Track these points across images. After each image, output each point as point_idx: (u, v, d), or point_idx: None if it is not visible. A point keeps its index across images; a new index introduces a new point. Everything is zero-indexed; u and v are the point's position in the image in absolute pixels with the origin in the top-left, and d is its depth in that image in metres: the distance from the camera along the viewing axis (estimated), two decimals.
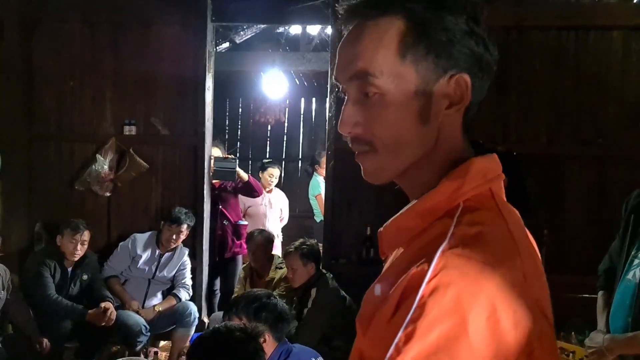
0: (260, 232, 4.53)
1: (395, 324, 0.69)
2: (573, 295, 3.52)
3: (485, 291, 0.68)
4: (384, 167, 0.84)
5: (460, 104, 0.82)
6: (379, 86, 0.80)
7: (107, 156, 4.58)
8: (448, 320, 0.66)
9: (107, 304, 4.05)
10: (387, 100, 0.80)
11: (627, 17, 4.25)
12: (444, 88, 0.80)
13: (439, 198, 0.80)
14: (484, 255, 0.71)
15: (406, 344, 0.66)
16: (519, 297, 0.70)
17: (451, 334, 0.65)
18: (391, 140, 0.81)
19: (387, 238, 0.86)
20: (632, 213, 2.21)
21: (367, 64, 0.80)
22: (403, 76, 0.79)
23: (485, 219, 0.77)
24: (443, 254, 0.71)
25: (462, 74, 0.80)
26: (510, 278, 0.71)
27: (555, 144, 4.33)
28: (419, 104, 0.80)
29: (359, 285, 1.04)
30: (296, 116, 8.89)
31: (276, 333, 2.56)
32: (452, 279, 0.68)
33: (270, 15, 4.81)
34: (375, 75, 0.80)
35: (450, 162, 0.83)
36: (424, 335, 0.65)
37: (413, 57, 0.79)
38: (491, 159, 0.84)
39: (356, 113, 0.82)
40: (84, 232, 4.14)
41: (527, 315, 0.70)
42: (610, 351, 2.14)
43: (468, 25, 0.80)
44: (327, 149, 4.57)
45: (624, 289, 2.14)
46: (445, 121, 0.82)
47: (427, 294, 0.67)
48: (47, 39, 4.63)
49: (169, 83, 4.61)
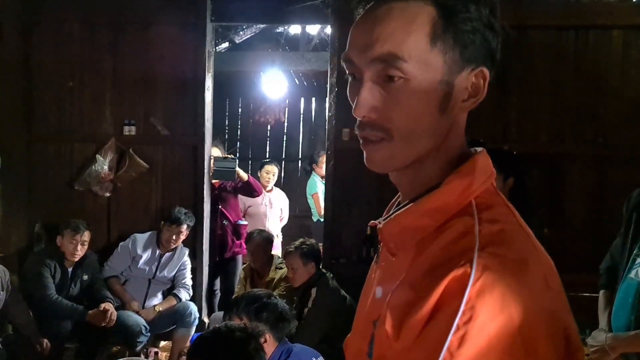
0: (260, 232, 4.52)
1: (437, 328, 0.69)
2: (573, 294, 3.52)
3: (525, 289, 0.70)
4: (396, 156, 0.81)
5: (476, 97, 0.81)
6: (406, 71, 0.77)
7: (107, 156, 4.58)
8: (497, 320, 0.67)
9: (108, 304, 4.04)
10: (411, 86, 0.77)
11: (627, 16, 4.25)
12: (465, 80, 0.80)
13: (449, 196, 0.79)
14: (514, 253, 0.73)
15: (460, 348, 0.66)
16: (550, 289, 0.73)
17: (502, 333, 0.66)
18: (408, 129, 0.79)
19: (390, 236, 0.84)
20: (634, 212, 2.21)
21: (396, 47, 0.77)
22: (431, 64, 0.77)
23: (501, 215, 0.78)
24: (480, 254, 0.71)
25: (482, 67, 0.80)
26: (539, 272, 0.74)
27: (556, 143, 4.33)
28: (442, 95, 0.79)
29: (359, 284, 1.03)
30: (296, 116, 8.88)
31: (277, 333, 2.55)
32: (495, 279, 0.69)
33: (269, 15, 4.81)
34: (404, 59, 0.77)
35: (454, 159, 0.82)
36: (476, 337, 0.66)
37: (442, 46, 0.78)
38: (486, 154, 0.84)
39: (374, 97, 0.79)
40: (84, 232, 4.13)
41: (561, 305, 0.74)
42: (613, 350, 2.13)
43: (489, 18, 0.79)
44: (327, 149, 4.57)
45: (626, 288, 2.14)
46: (458, 115, 0.82)
47: (474, 296, 0.68)
48: (46, 39, 4.62)
49: (169, 83, 4.60)
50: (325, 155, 4.69)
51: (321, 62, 6.52)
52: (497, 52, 0.81)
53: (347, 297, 3.77)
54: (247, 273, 4.44)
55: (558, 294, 0.75)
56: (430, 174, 0.82)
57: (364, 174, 4.28)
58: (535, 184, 4.14)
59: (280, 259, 4.52)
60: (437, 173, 0.82)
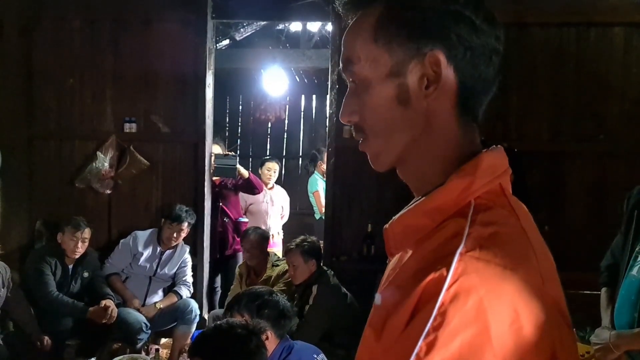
0: (255, 229, 4.50)
1: (412, 331, 0.66)
2: (574, 291, 3.52)
3: (506, 297, 0.66)
4: (377, 152, 0.84)
5: (438, 83, 0.78)
6: (358, 72, 0.81)
7: (108, 154, 4.58)
8: (471, 329, 0.63)
9: (108, 301, 4.05)
10: (366, 85, 0.81)
11: (627, 13, 4.24)
12: (420, 68, 0.78)
13: (448, 196, 0.77)
14: (502, 258, 0.69)
15: (428, 354, 0.63)
16: (539, 300, 0.68)
17: (474, 343, 0.63)
18: (376, 125, 0.82)
19: (393, 237, 0.83)
20: (634, 209, 2.20)
21: (350, 51, 0.82)
22: (377, 59, 0.80)
23: (498, 218, 0.75)
24: (461, 257, 0.68)
25: (434, 50, 0.77)
26: (530, 281, 0.69)
27: (557, 141, 4.33)
28: (395, 86, 0.79)
29: (360, 282, 1.04)
30: (296, 113, 8.88)
31: (278, 330, 2.56)
32: (473, 284, 0.66)
33: (270, 12, 4.81)
34: (354, 62, 0.82)
35: (458, 157, 0.80)
36: (446, 344, 0.63)
37: (385, 39, 0.79)
38: (498, 153, 0.82)
39: (352, 102, 0.84)
40: (85, 229, 4.14)
41: (549, 319, 0.68)
42: (617, 347, 2.13)
43: (448, 3, 0.78)
44: (327, 146, 4.56)
45: (628, 285, 2.13)
46: (433, 105, 0.79)
47: (448, 301, 0.65)
48: (47, 37, 4.62)
49: (169, 80, 4.60)
50: (326, 152, 4.69)
51: (322, 59, 6.51)
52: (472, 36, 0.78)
53: (347, 295, 3.77)
54: (244, 271, 4.42)
55: (549, 307, 0.69)
56: (429, 172, 0.82)
57: (365, 172, 4.28)
58: (536, 182, 4.15)
59: (277, 256, 4.51)
60: (436, 171, 0.81)
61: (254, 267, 4.37)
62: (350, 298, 3.74)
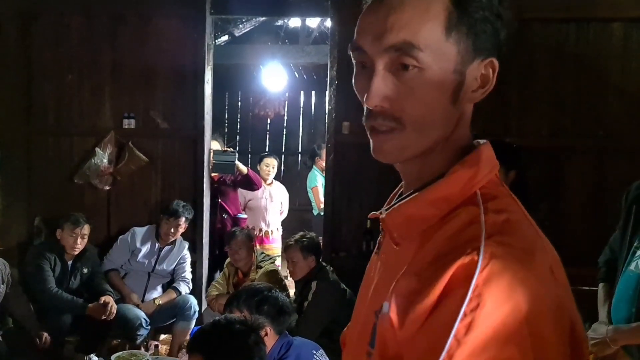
0: (241, 230, 4.45)
1: (443, 315, 0.69)
2: (573, 287, 3.53)
3: (532, 277, 0.70)
4: (408, 146, 0.80)
5: (485, 88, 0.81)
6: (421, 60, 0.77)
7: (107, 150, 4.57)
8: (505, 308, 0.67)
9: (107, 297, 4.05)
10: (426, 76, 0.77)
11: (627, 8, 4.23)
12: (475, 71, 0.80)
13: (453, 186, 0.80)
14: (520, 242, 0.74)
15: (467, 335, 0.66)
16: (556, 279, 0.74)
17: (510, 322, 0.67)
18: (422, 119, 0.79)
19: (395, 227, 0.84)
20: (633, 204, 2.20)
21: (412, 35, 0.76)
22: (445, 53, 0.78)
23: (506, 205, 0.79)
24: (487, 242, 0.71)
25: (492, 58, 0.80)
26: (545, 262, 0.75)
27: (556, 137, 4.32)
28: (455, 85, 0.79)
29: (359, 278, 1.04)
30: (295, 109, 8.88)
31: (277, 326, 2.56)
32: (503, 267, 0.69)
33: (269, 8, 4.79)
34: (420, 48, 0.76)
35: (460, 149, 0.83)
36: (484, 324, 0.66)
37: (457, 36, 0.78)
38: (490, 146, 0.85)
39: (387, 86, 0.78)
40: (84, 225, 4.14)
41: (566, 295, 0.75)
42: (614, 342, 2.13)
43: (498, 8, 0.79)
44: (326, 142, 4.56)
45: (626, 280, 2.14)
46: (467, 106, 0.83)
47: (482, 284, 0.68)
48: (45, 33, 4.61)
49: (168, 76, 4.59)
50: (325, 148, 4.68)
51: (321, 55, 6.50)
52: (504, 43, 0.81)
53: (347, 291, 3.77)
54: (231, 271, 4.33)
55: (563, 284, 0.76)
56: (437, 164, 0.83)
57: (364, 167, 4.28)
58: (535, 178, 4.14)
59: (263, 254, 4.47)
60: (443, 163, 0.82)
61: (241, 268, 4.29)
62: (350, 294, 3.74)
